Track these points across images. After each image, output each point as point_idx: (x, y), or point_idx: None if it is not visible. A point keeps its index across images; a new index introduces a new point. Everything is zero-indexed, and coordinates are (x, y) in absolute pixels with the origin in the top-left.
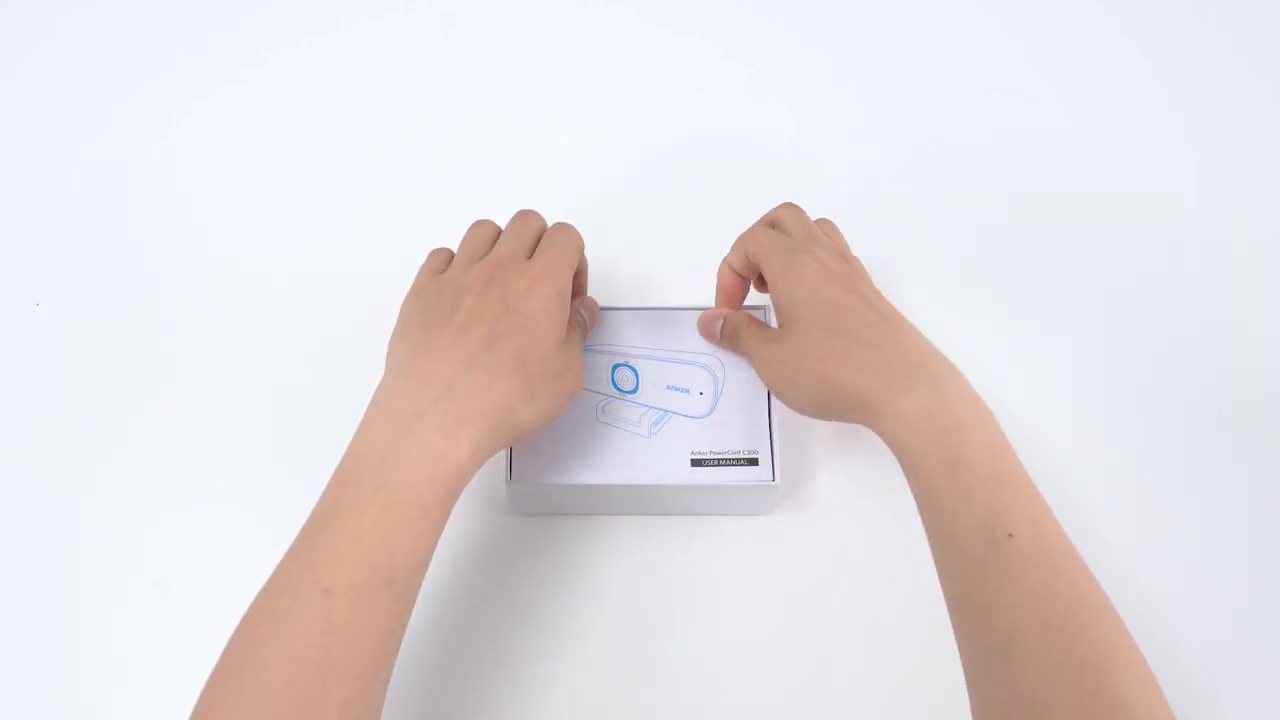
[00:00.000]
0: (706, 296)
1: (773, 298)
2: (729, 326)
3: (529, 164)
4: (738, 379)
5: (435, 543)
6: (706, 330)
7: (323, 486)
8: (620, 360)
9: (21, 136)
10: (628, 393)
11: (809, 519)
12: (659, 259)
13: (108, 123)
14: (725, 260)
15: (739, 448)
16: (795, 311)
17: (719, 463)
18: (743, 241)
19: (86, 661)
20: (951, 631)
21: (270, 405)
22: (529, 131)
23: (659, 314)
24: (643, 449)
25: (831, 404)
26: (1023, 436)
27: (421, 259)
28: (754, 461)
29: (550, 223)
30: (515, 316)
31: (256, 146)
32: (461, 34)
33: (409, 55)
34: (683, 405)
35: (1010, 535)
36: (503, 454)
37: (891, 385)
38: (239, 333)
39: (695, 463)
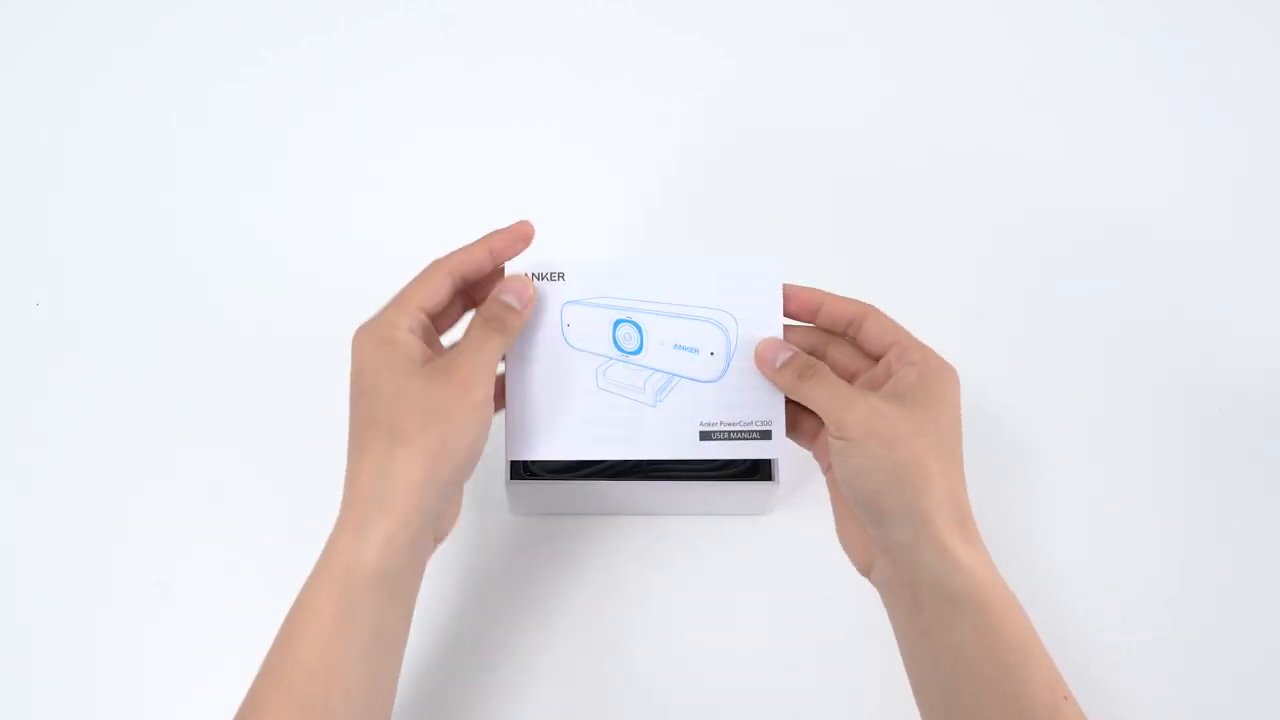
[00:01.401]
0: None
1: (908, 378)
2: (802, 361)
3: (528, 164)
4: (751, 338)
5: (347, 648)
6: (768, 356)
7: (320, 487)
8: (623, 316)
9: (21, 137)
10: (631, 354)
11: (808, 519)
12: (652, 250)
13: (108, 123)
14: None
15: (751, 418)
16: (932, 406)
17: (729, 435)
18: (847, 311)
19: (86, 660)
20: None
21: (270, 406)
22: (529, 132)
23: (667, 264)
24: (648, 419)
25: (897, 496)
26: (1023, 436)
27: (419, 259)
28: (766, 434)
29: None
30: (351, 374)
31: (256, 146)
32: (461, 34)
33: (409, 55)
34: (692, 367)
35: (1066, 698)
36: (502, 451)
37: (965, 529)
38: (239, 332)
39: (704, 435)
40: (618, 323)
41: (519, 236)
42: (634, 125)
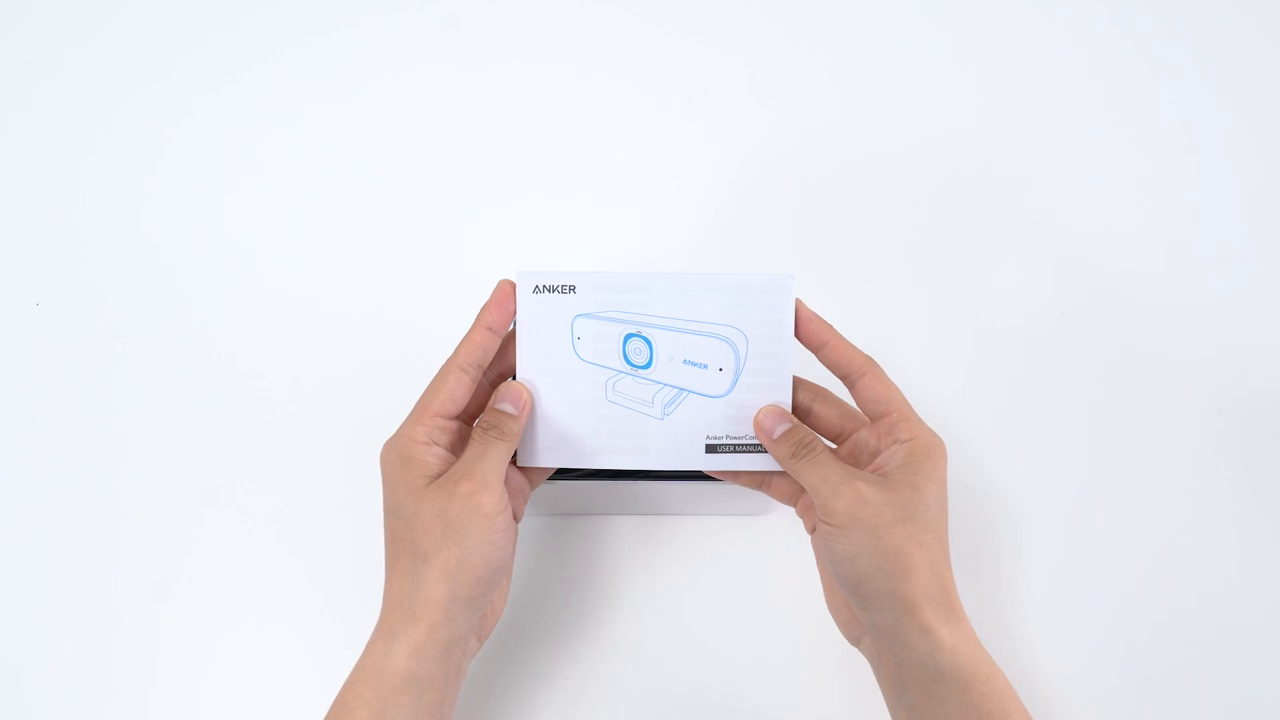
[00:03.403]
0: None
1: (896, 459)
2: (798, 435)
3: (528, 164)
4: (759, 354)
5: None
6: (766, 426)
7: (323, 491)
8: (633, 330)
9: (22, 137)
10: (641, 368)
11: None
12: (658, 261)
13: (109, 123)
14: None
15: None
16: (919, 487)
17: (734, 448)
18: (849, 361)
19: (85, 660)
20: None
21: (271, 405)
22: (529, 132)
23: (678, 279)
24: (655, 431)
25: (881, 582)
26: (1022, 436)
27: (421, 261)
28: None
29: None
30: (382, 491)
31: (256, 146)
32: (461, 34)
33: (409, 55)
34: (700, 383)
35: None
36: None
37: (949, 607)
38: (240, 334)
39: (710, 448)
40: (628, 337)
41: (506, 300)
42: (634, 126)
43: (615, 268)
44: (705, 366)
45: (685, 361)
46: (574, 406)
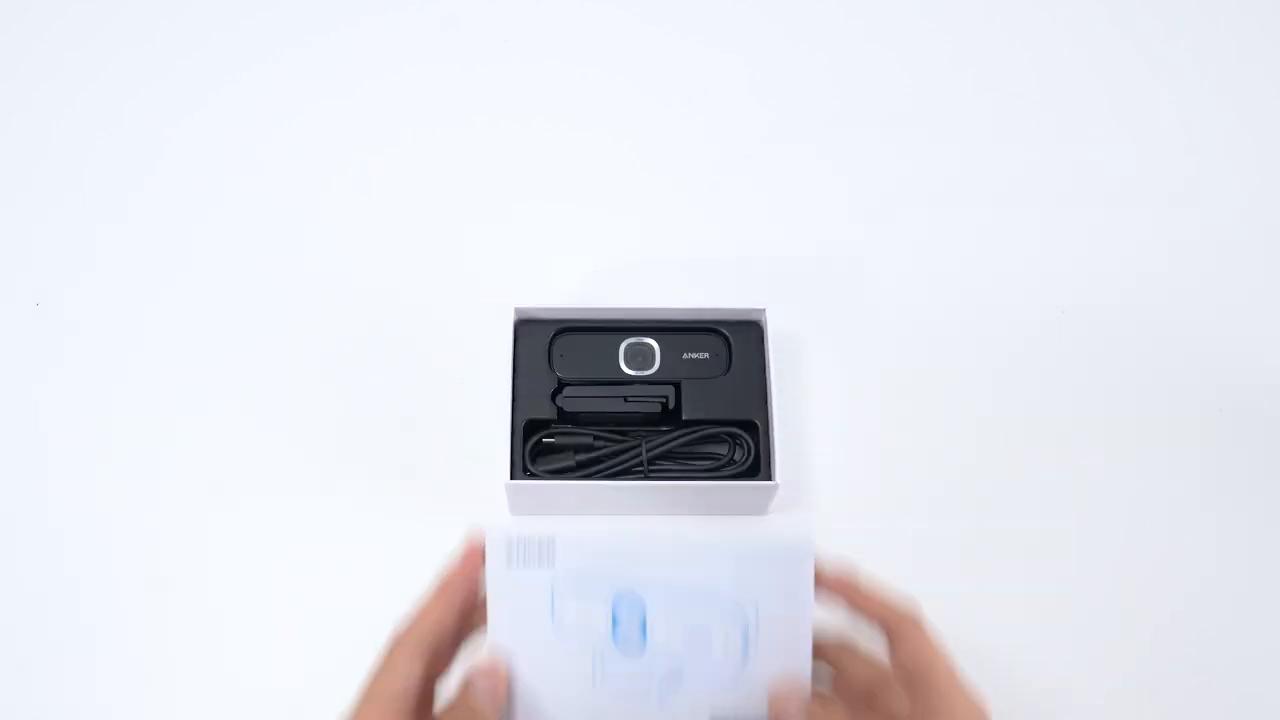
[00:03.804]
0: (708, 298)
1: None
2: (825, 714)
3: (528, 165)
4: (773, 622)
5: None
6: (783, 708)
7: (323, 490)
8: (623, 597)
9: (22, 137)
10: (633, 642)
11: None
12: (659, 261)
13: (108, 123)
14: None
15: (768, 712)
16: None
17: None
18: (879, 615)
19: (85, 659)
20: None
21: (271, 405)
22: (529, 132)
23: (675, 544)
24: (653, 714)
25: None
26: (1021, 438)
27: (420, 260)
28: None
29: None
30: None
31: (256, 147)
32: (461, 34)
33: (409, 55)
34: (703, 659)
35: None
36: (505, 453)
37: None
38: (239, 332)
39: None
40: (617, 606)
41: (472, 565)
42: (634, 126)
43: (598, 527)
44: (710, 639)
45: (686, 633)
46: (556, 690)
